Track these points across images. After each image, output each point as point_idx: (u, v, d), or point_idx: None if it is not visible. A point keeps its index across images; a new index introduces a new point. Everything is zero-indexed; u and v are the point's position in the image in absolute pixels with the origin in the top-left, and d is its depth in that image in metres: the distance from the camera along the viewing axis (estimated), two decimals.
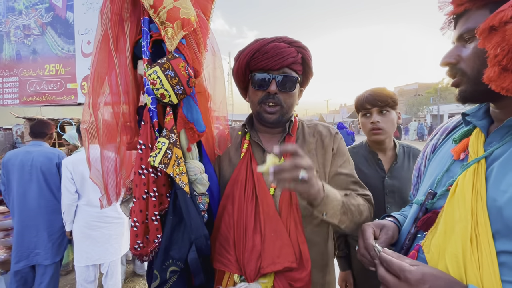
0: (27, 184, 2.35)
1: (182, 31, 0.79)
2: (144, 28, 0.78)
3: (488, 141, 0.59)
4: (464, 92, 0.59)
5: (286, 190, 0.75)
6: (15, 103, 4.42)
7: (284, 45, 0.90)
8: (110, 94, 0.79)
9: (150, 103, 0.80)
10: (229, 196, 0.96)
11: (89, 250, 2.29)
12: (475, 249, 0.51)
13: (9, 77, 4.40)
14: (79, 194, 2.31)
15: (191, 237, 0.82)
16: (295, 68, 0.93)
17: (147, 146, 0.80)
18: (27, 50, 4.33)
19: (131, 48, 0.80)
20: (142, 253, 0.83)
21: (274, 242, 0.86)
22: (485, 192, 0.54)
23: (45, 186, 2.39)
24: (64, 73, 4.18)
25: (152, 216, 0.80)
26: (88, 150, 0.77)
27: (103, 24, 0.75)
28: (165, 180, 0.84)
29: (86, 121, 0.76)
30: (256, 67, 0.91)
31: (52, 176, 2.41)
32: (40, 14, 4.27)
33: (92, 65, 0.77)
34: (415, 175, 0.84)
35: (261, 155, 0.99)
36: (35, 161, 2.37)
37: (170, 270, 0.83)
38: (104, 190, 0.81)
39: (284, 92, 0.92)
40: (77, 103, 4.41)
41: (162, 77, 0.75)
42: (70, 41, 4.17)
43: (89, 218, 2.29)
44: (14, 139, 6.75)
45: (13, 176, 2.37)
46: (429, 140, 0.83)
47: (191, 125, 0.86)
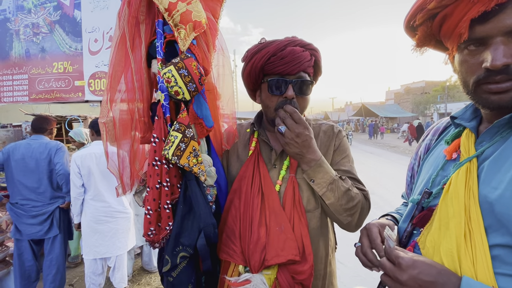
0: (27, 170, 2.46)
1: (193, 32, 0.85)
2: (159, 30, 0.84)
3: (478, 140, 0.62)
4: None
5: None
6: (24, 100, 4.54)
7: (300, 49, 0.92)
8: (126, 91, 0.85)
9: (164, 100, 0.86)
10: (236, 191, 1.00)
11: (97, 244, 2.37)
12: (469, 243, 0.54)
13: (19, 75, 4.52)
14: (86, 188, 2.39)
15: (200, 225, 0.89)
16: (309, 71, 0.95)
17: (161, 139, 0.86)
18: (36, 48, 4.45)
19: (146, 48, 0.86)
20: (154, 240, 0.90)
21: (278, 235, 0.91)
22: (477, 189, 0.56)
23: (43, 172, 2.49)
24: (72, 71, 4.29)
25: (164, 204, 0.87)
26: (106, 143, 0.84)
27: (121, 26, 0.82)
28: (176, 171, 0.90)
29: (104, 116, 0.83)
30: (273, 72, 0.92)
31: (45, 162, 2.50)
32: (49, 13, 4.37)
33: (110, 64, 0.83)
34: (408, 175, 0.86)
35: (268, 153, 1.03)
36: (35, 152, 2.48)
37: (180, 256, 0.89)
38: (119, 180, 0.88)
39: (300, 96, 0.95)
40: (85, 100, 4.51)
41: (176, 75, 0.81)
42: (77, 39, 4.27)
43: (96, 212, 2.37)
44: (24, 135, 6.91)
45: (14, 163, 2.46)
46: (421, 141, 0.84)
47: (200, 121, 0.93)
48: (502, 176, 0.53)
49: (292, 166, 0.98)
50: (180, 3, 0.79)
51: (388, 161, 10.68)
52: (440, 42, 0.66)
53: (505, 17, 0.50)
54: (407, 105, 35.54)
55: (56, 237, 2.51)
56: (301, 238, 0.93)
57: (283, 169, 0.99)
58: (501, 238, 0.51)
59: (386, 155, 12.38)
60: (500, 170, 0.54)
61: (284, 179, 0.98)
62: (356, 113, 34.27)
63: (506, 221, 0.50)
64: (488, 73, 0.53)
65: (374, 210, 1.16)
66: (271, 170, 1.00)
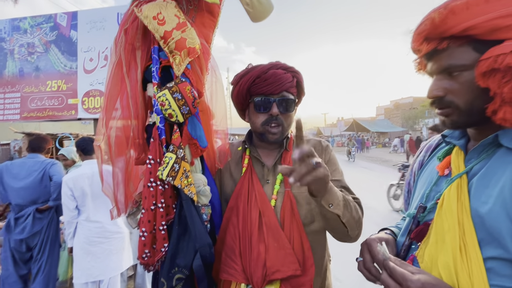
0: (24, 185, 2.43)
1: (188, 58, 0.89)
2: (154, 56, 0.88)
3: (467, 158, 0.65)
4: (456, 122, 0.63)
5: (306, 184, 0.75)
6: (15, 119, 4.50)
7: (281, 72, 0.99)
8: (121, 113, 0.87)
9: (159, 122, 0.88)
10: (233, 209, 1.01)
11: (90, 266, 2.28)
12: (464, 256, 0.55)
13: (11, 93, 4.50)
14: (80, 210, 2.33)
15: (195, 245, 0.88)
16: (292, 91, 1.03)
17: (156, 161, 0.87)
18: (30, 67, 4.47)
19: (142, 72, 0.89)
20: (148, 263, 0.89)
21: (277, 251, 0.92)
22: (468, 203, 0.58)
23: (38, 185, 2.46)
24: (66, 89, 4.30)
25: (159, 226, 0.87)
26: (101, 165, 0.85)
27: (117, 52, 0.85)
28: (171, 192, 0.90)
29: (99, 138, 0.84)
30: (257, 92, 1.00)
31: (39, 177, 2.49)
32: (45, 33, 4.44)
33: (106, 88, 0.85)
34: (405, 190, 0.89)
35: (260, 169, 1.06)
36: (29, 169, 2.46)
37: (176, 278, 0.88)
38: (114, 202, 0.88)
39: (284, 113, 1.01)
40: (78, 118, 4.50)
41: (170, 99, 0.84)
42: (73, 58, 4.32)
43: (89, 233, 2.29)
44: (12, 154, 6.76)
45: (9, 181, 2.43)
46: (416, 157, 0.87)
47: (194, 141, 0.94)
48: (490, 191, 0.56)
49: (286, 180, 1.00)
50: (175, 31, 0.83)
51: (382, 175, 10.77)
52: None
53: (436, 61, 0.63)
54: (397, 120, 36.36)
55: (43, 261, 2.42)
56: (301, 251, 0.94)
57: (276, 184, 1.01)
58: (493, 251, 0.53)
59: (379, 169, 12.47)
60: (489, 185, 0.57)
61: (279, 194, 1.00)
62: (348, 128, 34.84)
63: (497, 234, 0.53)
64: (431, 102, 0.66)
65: (371, 225, 1.18)
66: (264, 185, 1.02)
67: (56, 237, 2.54)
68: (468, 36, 0.56)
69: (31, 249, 2.43)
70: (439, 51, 0.61)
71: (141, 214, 0.86)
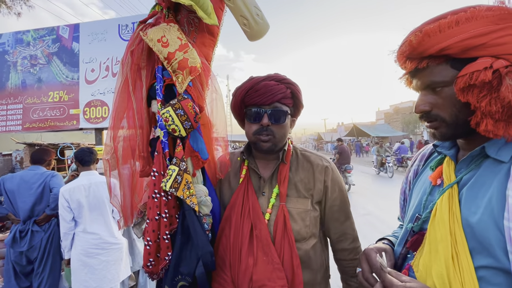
0: (25, 198, 2.46)
1: (190, 76, 0.95)
2: (158, 75, 0.94)
3: (457, 168, 0.67)
4: (445, 134, 0.65)
5: None
6: (17, 130, 4.57)
7: (274, 83, 1.00)
8: (128, 129, 0.93)
9: (163, 136, 0.94)
10: (227, 219, 1.02)
11: (87, 278, 2.26)
12: (457, 266, 0.56)
13: (13, 105, 4.58)
14: (76, 221, 2.32)
15: (198, 253, 0.93)
16: (285, 102, 1.02)
17: (160, 173, 0.92)
18: (32, 79, 4.56)
19: (147, 90, 0.96)
20: (153, 271, 0.93)
21: (265, 265, 0.92)
22: (459, 213, 0.60)
23: (39, 198, 2.49)
24: (68, 100, 4.39)
25: (163, 235, 0.91)
26: (109, 178, 0.90)
27: (124, 72, 0.91)
28: (174, 202, 0.95)
29: (108, 152, 0.90)
30: (250, 103, 1.01)
31: (40, 189, 2.52)
32: (47, 45, 4.54)
33: (113, 105, 0.91)
34: (401, 198, 0.90)
35: (257, 181, 1.07)
36: (29, 182, 2.48)
37: (180, 285, 0.92)
38: (121, 213, 0.93)
39: (275, 124, 1.01)
40: (79, 128, 4.56)
41: (173, 115, 0.90)
42: (74, 69, 4.42)
43: (86, 245, 2.28)
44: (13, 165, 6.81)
45: (9, 194, 2.46)
46: (410, 166, 0.89)
47: (196, 154, 1.00)
48: (479, 201, 0.58)
49: (282, 195, 1.00)
50: (178, 52, 0.90)
51: (382, 180, 10.75)
52: None
53: (419, 78, 0.68)
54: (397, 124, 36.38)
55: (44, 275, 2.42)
56: (291, 268, 0.93)
57: (272, 197, 1.01)
58: (484, 260, 0.55)
59: (380, 174, 12.45)
60: (477, 195, 0.59)
61: (274, 207, 1.00)
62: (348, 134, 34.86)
63: (487, 243, 0.54)
64: (419, 116, 0.70)
65: (372, 232, 1.20)
66: (259, 197, 1.03)
67: (58, 251, 2.54)
68: (445, 55, 0.60)
69: (32, 262, 2.43)
70: (421, 69, 0.65)
71: (146, 224, 0.90)
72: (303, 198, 1.02)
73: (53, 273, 2.48)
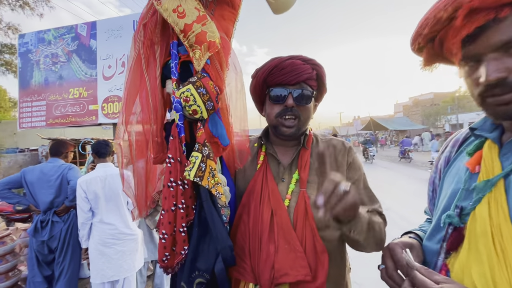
0: (44, 190, 2.50)
1: (208, 52, 0.85)
2: (173, 51, 0.85)
3: (502, 152, 0.58)
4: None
5: (336, 214, 0.71)
6: (41, 125, 4.72)
7: (300, 62, 0.94)
8: (141, 111, 0.84)
9: (178, 119, 0.85)
10: (245, 206, 0.96)
11: (104, 267, 2.31)
12: (503, 263, 0.49)
13: (38, 101, 4.73)
14: (93, 212, 2.37)
15: (217, 248, 0.84)
16: (310, 83, 0.96)
17: (176, 160, 0.83)
18: (54, 76, 4.68)
19: (160, 68, 0.87)
20: (168, 265, 0.85)
21: (287, 253, 0.86)
22: (506, 205, 0.52)
23: (57, 190, 2.51)
24: (87, 96, 4.47)
25: (180, 227, 0.82)
26: (122, 165, 0.82)
27: (136, 48, 0.83)
28: (191, 192, 0.86)
29: (120, 137, 0.82)
30: (274, 82, 0.95)
31: (58, 182, 2.54)
32: (67, 43, 4.63)
33: (125, 85, 0.83)
34: (429, 189, 0.80)
35: (276, 167, 1.00)
36: (47, 174, 2.51)
37: (197, 282, 0.83)
38: (136, 203, 0.85)
39: (300, 105, 0.95)
40: (98, 123, 4.64)
41: (195, 94, 0.80)
42: (92, 66, 4.49)
43: (103, 235, 2.33)
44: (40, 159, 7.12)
45: (29, 185, 2.50)
46: (441, 153, 0.79)
47: (215, 140, 0.90)
48: None
49: (302, 180, 0.95)
50: (196, 24, 0.80)
51: (402, 175, 10.35)
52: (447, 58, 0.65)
53: (491, 35, 0.52)
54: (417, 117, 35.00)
55: (65, 264, 2.46)
56: (314, 255, 0.87)
57: (292, 183, 0.95)
58: None
59: (398, 169, 12.02)
60: None
61: (294, 193, 0.94)
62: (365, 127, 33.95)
63: None
64: (486, 88, 0.54)
65: (391, 227, 1.10)
66: (279, 184, 0.97)
67: (78, 241, 2.59)
68: None
69: (53, 251, 2.47)
70: (493, 24, 0.51)
71: (161, 215, 0.82)
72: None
73: (73, 262, 2.53)
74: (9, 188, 2.47)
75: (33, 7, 9.50)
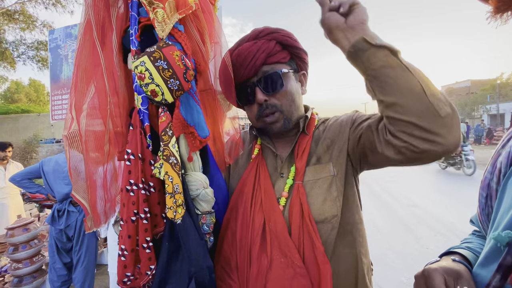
0: (59, 180, 2.48)
1: (176, 13, 0.63)
2: (132, 13, 0.63)
3: None
4: None
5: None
6: None
7: (247, 45, 0.76)
8: (96, 94, 0.65)
9: (140, 104, 0.64)
10: (233, 210, 0.79)
11: None
12: None
13: (67, 95, 4.89)
14: None
15: (190, 269, 0.64)
16: (275, 59, 0.76)
17: (137, 156, 0.63)
18: None
19: (119, 38, 0.66)
20: (134, 286, 0.67)
21: (284, 269, 0.67)
22: None
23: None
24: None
25: (143, 243, 0.63)
26: (69, 161, 0.64)
27: (86, 12, 0.63)
28: (159, 197, 0.67)
29: (67, 127, 0.63)
30: (237, 81, 0.77)
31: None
32: None
33: (75, 61, 0.64)
34: (482, 195, 0.58)
35: (273, 161, 0.81)
36: (63, 165, 2.49)
37: None
38: (90, 210, 0.67)
39: (274, 93, 0.75)
40: None
41: (151, 69, 0.59)
42: None
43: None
44: None
45: (46, 175, 2.51)
46: (500, 147, 0.57)
47: (191, 130, 0.68)
48: None
49: (298, 171, 0.76)
50: None
51: (428, 169, 9.47)
52: None
53: None
54: None
55: (82, 253, 2.48)
56: (316, 266, 0.67)
57: (290, 178, 0.77)
58: None
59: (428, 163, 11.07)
60: None
61: (290, 189, 0.76)
62: None
63: None
64: None
65: (418, 225, 0.82)
66: (277, 180, 0.78)
67: (93, 232, 2.60)
68: None
69: (71, 239, 2.50)
70: None
71: (120, 226, 0.63)
72: (324, 164, 0.75)
73: (89, 251, 2.55)
74: (29, 178, 2.50)
75: (64, 5, 9.99)
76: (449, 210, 4.75)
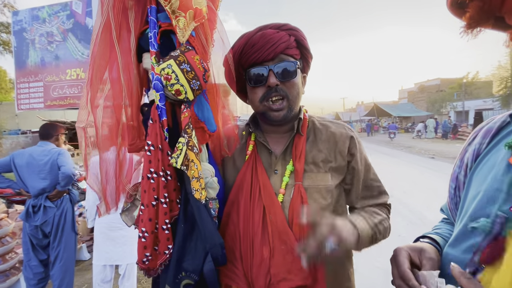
0: (30, 177, 2.39)
1: (193, 22, 0.70)
2: (152, 18, 0.69)
3: None
4: None
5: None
6: (40, 107, 4.58)
7: (272, 31, 0.81)
8: (111, 89, 0.71)
9: (159, 100, 0.72)
10: (234, 203, 0.86)
11: (108, 250, 2.25)
12: None
13: (35, 82, 4.57)
14: None
15: (205, 246, 0.74)
16: (291, 53, 0.82)
17: (156, 147, 0.71)
18: (50, 56, 4.48)
19: (136, 39, 0.72)
20: (150, 267, 0.75)
21: (284, 256, 0.77)
22: None
23: (47, 175, 2.40)
24: (84, 77, 4.29)
25: (162, 224, 0.71)
26: (85, 152, 0.70)
27: (104, 12, 0.67)
28: (175, 184, 0.74)
29: (83, 120, 0.69)
30: (249, 63, 0.81)
31: (48, 167, 2.43)
32: (62, 21, 4.39)
33: (91, 57, 0.68)
34: (451, 186, 0.69)
35: (267, 157, 0.88)
36: (37, 159, 2.38)
37: (184, 284, 0.74)
38: (102, 197, 0.74)
39: (286, 81, 0.81)
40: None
41: (177, 71, 0.66)
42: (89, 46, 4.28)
43: (111, 217, 2.21)
44: None
45: (19, 169, 2.40)
46: (467, 144, 0.68)
47: (201, 124, 0.77)
48: None
49: (298, 172, 0.83)
50: None
51: (404, 162, 10.19)
52: (500, 19, 0.49)
53: None
54: (422, 103, 34.17)
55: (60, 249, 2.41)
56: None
57: (286, 175, 0.84)
58: None
59: (402, 156, 11.83)
60: None
61: (288, 187, 0.83)
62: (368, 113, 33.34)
63: None
64: None
65: (393, 215, 1.01)
66: (271, 176, 0.85)
67: (72, 227, 2.50)
68: None
69: (48, 236, 2.40)
70: None
71: (140, 211, 0.71)
72: (322, 173, 0.85)
73: (68, 247, 2.46)
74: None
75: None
76: (418, 199, 5.24)
